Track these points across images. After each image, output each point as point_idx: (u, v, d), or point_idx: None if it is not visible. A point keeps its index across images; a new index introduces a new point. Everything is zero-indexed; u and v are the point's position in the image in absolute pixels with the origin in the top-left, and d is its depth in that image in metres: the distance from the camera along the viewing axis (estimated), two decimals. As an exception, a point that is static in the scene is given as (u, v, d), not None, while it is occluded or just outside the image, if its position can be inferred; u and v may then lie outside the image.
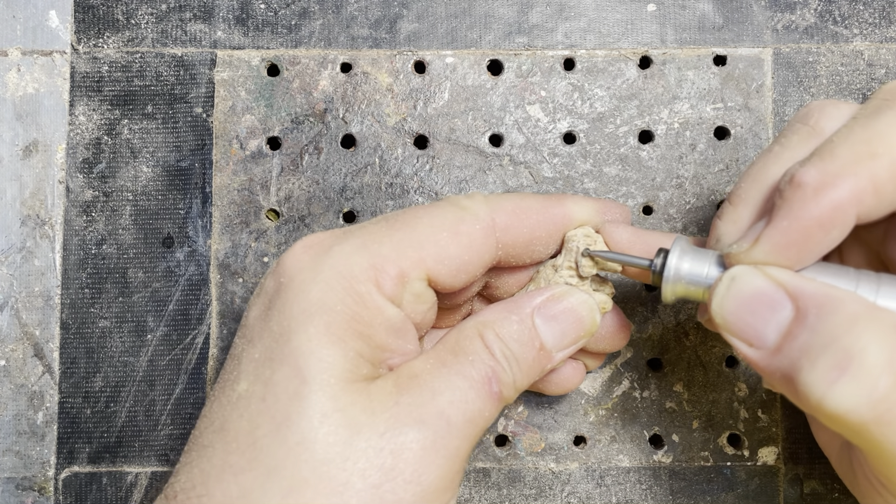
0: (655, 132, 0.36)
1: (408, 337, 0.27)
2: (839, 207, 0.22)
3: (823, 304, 0.22)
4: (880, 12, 0.36)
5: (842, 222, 0.23)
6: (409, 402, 0.24)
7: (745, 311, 0.23)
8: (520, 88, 0.36)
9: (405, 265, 0.26)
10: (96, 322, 0.35)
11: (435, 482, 0.24)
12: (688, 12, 0.36)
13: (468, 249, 0.26)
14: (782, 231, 0.23)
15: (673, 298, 0.26)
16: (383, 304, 0.25)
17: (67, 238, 0.35)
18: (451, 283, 0.27)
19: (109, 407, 0.35)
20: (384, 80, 0.36)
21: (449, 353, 0.26)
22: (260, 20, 0.36)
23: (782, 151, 0.25)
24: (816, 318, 0.22)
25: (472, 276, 0.27)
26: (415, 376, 0.25)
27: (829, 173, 0.22)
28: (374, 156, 0.36)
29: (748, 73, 0.36)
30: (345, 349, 0.24)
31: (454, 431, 0.24)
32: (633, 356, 0.35)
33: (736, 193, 0.26)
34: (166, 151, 0.36)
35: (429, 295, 0.27)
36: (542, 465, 0.35)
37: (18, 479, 0.35)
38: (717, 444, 0.35)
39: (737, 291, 0.24)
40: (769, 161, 0.26)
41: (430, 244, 0.26)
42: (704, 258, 0.26)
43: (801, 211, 0.23)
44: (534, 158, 0.36)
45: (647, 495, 0.34)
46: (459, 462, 0.25)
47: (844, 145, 0.22)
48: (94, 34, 0.36)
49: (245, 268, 0.35)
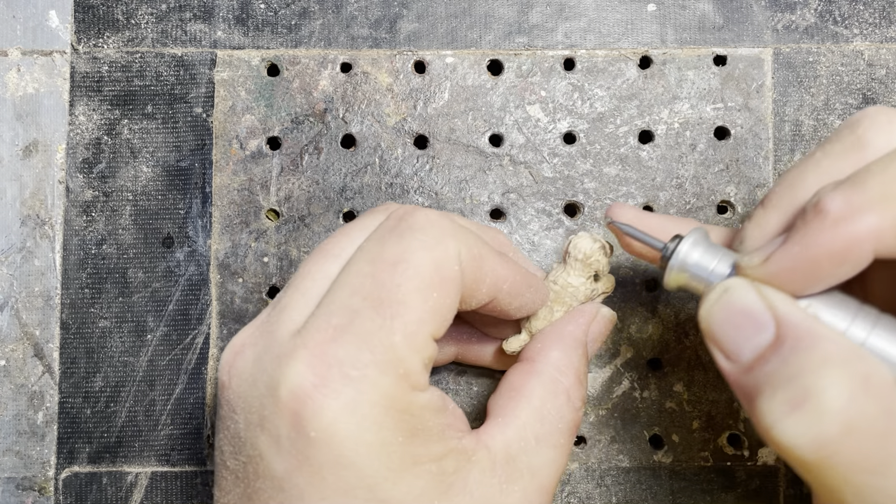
0: (655, 132, 0.36)
1: (447, 403, 0.26)
2: (855, 243, 0.22)
3: (802, 338, 0.22)
4: (880, 12, 0.36)
5: (856, 258, 0.22)
6: (515, 488, 0.25)
7: (730, 323, 0.24)
8: (520, 88, 0.36)
9: (422, 351, 0.24)
10: (96, 322, 0.35)
11: None
12: (688, 12, 0.36)
13: (456, 295, 0.25)
14: (793, 257, 0.23)
15: (674, 286, 0.26)
16: (425, 401, 0.24)
17: (67, 238, 0.35)
18: (446, 330, 0.26)
19: (109, 407, 0.35)
20: (384, 80, 0.36)
21: (538, 421, 0.27)
22: (260, 20, 0.36)
23: (823, 159, 0.25)
24: (790, 350, 0.22)
25: (456, 311, 0.26)
26: (512, 459, 0.26)
27: (854, 205, 0.22)
28: (374, 156, 0.36)
29: (748, 73, 0.36)
30: (428, 468, 0.24)
31: (549, 497, 0.26)
32: (633, 356, 0.35)
33: (769, 197, 0.26)
34: (166, 151, 0.36)
35: (437, 351, 0.26)
36: (542, 465, 0.35)
37: (19, 479, 0.35)
38: (717, 444, 0.35)
39: (726, 303, 0.24)
40: (808, 168, 0.25)
41: (429, 313, 0.24)
42: (715, 255, 0.26)
43: (816, 239, 0.22)
44: (534, 158, 0.36)
45: (647, 495, 0.34)
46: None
47: (877, 178, 0.22)
48: (94, 34, 0.36)
49: (245, 268, 0.35)
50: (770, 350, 0.23)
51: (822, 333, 0.22)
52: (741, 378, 0.23)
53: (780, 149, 0.35)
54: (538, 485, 0.26)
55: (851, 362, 0.21)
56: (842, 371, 0.21)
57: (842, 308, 0.23)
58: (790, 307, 0.23)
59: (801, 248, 0.22)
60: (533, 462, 0.26)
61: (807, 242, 0.22)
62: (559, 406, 0.27)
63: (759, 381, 0.22)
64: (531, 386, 0.27)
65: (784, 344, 0.22)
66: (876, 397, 0.21)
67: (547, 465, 0.26)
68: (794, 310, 0.23)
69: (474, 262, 0.25)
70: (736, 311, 0.24)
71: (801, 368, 0.21)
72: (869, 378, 0.21)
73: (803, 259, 0.23)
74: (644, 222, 0.29)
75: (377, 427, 0.23)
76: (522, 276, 0.28)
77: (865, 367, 0.21)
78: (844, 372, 0.21)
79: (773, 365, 0.22)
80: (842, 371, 0.21)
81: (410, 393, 0.24)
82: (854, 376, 0.21)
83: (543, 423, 0.27)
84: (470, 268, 0.25)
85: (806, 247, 0.22)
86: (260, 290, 0.35)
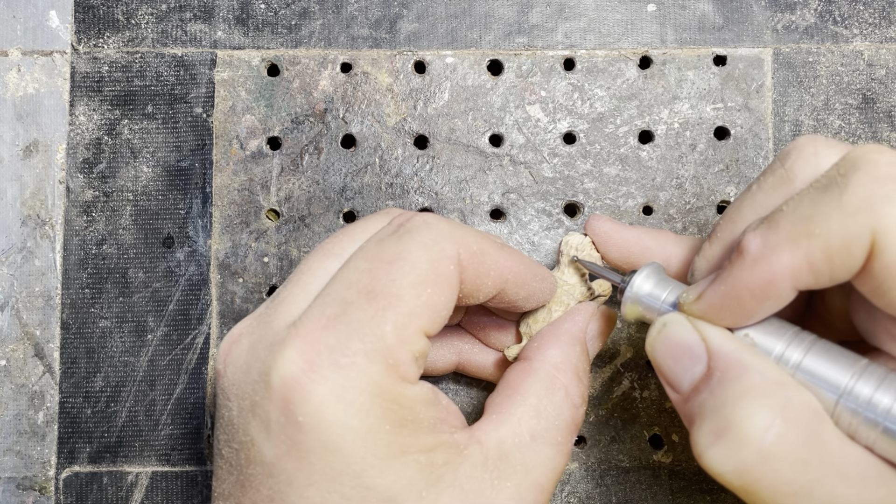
0: (655, 132, 0.36)
1: (440, 397, 0.27)
2: (773, 281, 0.23)
3: (730, 369, 0.23)
4: (880, 12, 0.36)
5: (777, 294, 0.23)
6: (507, 484, 0.25)
7: (670, 355, 0.25)
8: (520, 88, 0.36)
9: (413, 344, 0.24)
10: (97, 322, 0.35)
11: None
12: (688, 12, 0.36)
13: (451, 293, 0.25)
14: (720, 294, 0.24)
15: (631, 317, 0.28)
16: (415, 393, 0.25)
17: (68, 238, 0.35)
18: (439, 329, 0.26)
19: (110, 407, 0.35)
20: (384, 80, 0.36)
21: (534, 418, 0.27)
22: (260, 20, 0.36)
23: (757, 192, 0.26)
24: (718, 382, 0.23)
25: (452, 310, 0.27)
26: (505, 455, 0.26)
27: (769, 245, 0.23)
28: (374, 156, 0.36)
29: (748, 73, 0.36)
30: (416, 458, 0.24)
31: (546, 496, 0.26)
32: (633, 356, 0.35)
33: (714, 231, 0.27)
34: (166, 151, 0.36)
35: (429, 348, 0.26)
36: (542, 464, 0.35)
37: (19, 478, 0.35)
38: (717, 444, 0.35)
39: (665, 336, 0.25)
40: (746, 201, 0.26)
41: (421, 307, 0.24)
42: (665, 287, 0.27)
43: (738, 278, 0.23)
44: (534, 158, 0.36)
45: (647, 495, 0.34)
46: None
47: (789, 219, 0.23)
48: (95, 34, 0.36)
49: (245, 268, 0.35)
50: (702, 381, 0.24)
51: (748, 364, 0.23)
52: (681, 407, 0.25)
53: (780, 149, 0.35)
54: (533, 482, 0.26)
55: (771, 392, 0.22)
56: (761, 402, 0.22)
57: (777, 335, 0.24)
58: (722, 340, 0.24)
59: (727, 286, 0.24)
60: (528, 459, 0.26)
61: (731, 281, 0.24)
62: (556, 403, 0.27)
63: (693, 411, 0.24)
64: (528, 384, 0.27)
65: (713, 376, 0.24)
66: (795, 425, 0.22)
67: (543, 462, 0.26)
68: (726, 342, 0.24)
69: (475, 257, 0.26)
70: (674, 344, 0.25)
71: (724, 400, 0.23)
72: (788, 406, 0.22)
73: (729, 296, 0.24)
74: (621, 234, 0.30)
75: (364, 414, 0.23)
76: (527, 266, 0.28)
77: (785, 397, 0.22)
78: (763, 402, 0.22)
79: (704, 396, 0.24)
80: (761, 402, 0.22)
81: (399, 383, 0.24)
82: (773, 406, 0.22)
83: (540, 420, 0.27)
84: (472, 263, 0.26)
85: (731, 285, 0.24)
86: (260, 290, 0.35)
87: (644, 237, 0.30)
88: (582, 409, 0.28)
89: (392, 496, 0.23)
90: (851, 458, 0.22)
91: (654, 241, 0.30)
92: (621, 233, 0.30)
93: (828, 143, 0.25)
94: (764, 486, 0.22)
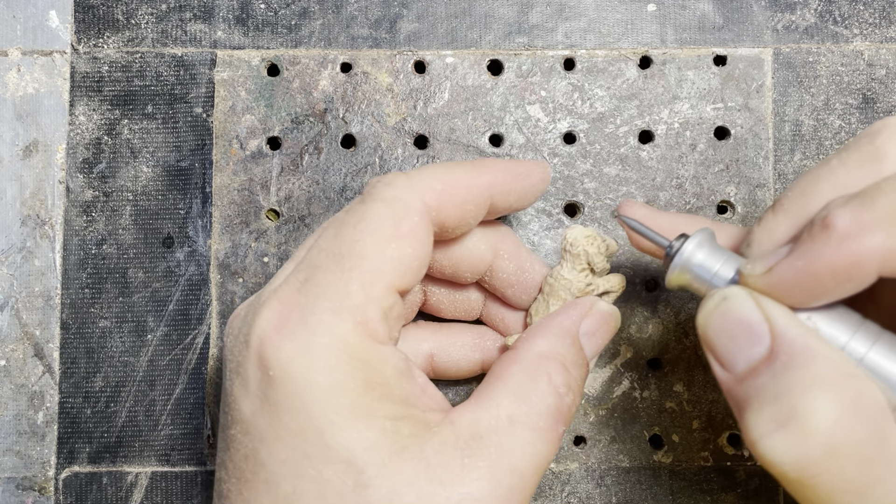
0: (655, 132, 0.36)
1: (414, 372, 0.26)
2: (861, 262, 0.21)
3: (796, 355, 0.22)
4: (880, 12, 0.36)
5: (860, 277, 0.22)
6: (479, 464, 0.24)
7: (726, 333, 0.24)
8: (520, 88, 0.36)
9: (381, 300, 0.25)
10: (96, 322, 0.35)
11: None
12: (688, 12, 0.36)
13: (419, 245, 0.26)
14: (796, 270, 0.22)
15: (676, 285, 0.26)
16: (385, 354, 0.25)
17: (67, 238, 0.35)
18: (413, 284, 0.26)
19: (109, 407, 0.35)
20: (384, 80, 0.36)
21: (513, 402, 0.25)
22: (260, 20, 0.36)
23: (838, 167, 0.24)
24: (783, 366, 0.22)
25: (426, 267, 0.27)
26: (479, 436, 0.25)
27: (862, 223, 0.21)
28: (374, 156, 0.36)
29: (748, 73, 0.36)
30: (380, 422, 0.24)
31: (525, 483, 0.25)
32: (633, 356, 0.35)
33: (780, 202, 0.25)
34: (166, 151, 0.36)
35: (401, 303, 0.27)
36: (542, 465, 0.35)
37: (19, 479, 0.35)
38: (717, 444, 0.35)
39: (724, 311, 0.24)
40: (822, 175, 0.25)
41: (387, 262, 0.25)
42: (720, 258, 0.25)
43: (821, 255, 0.22)
44: (534, 158, 0.36)
45: (647, 495, 0.34)
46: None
47: (888, 197, 0.21)
48: (94, 34, 0.36)
49: (245, 268, 0.35)
50: (763, 364, 0.23)
51: (817, 351, 0.22)
52: (733, 388, 0.23)
53: (780, 149, 0.35)
54: (509, 464, 0.24)
55: (842, 383, 0.21)
56: (831, 392, 0.21)
57: (843, 322, 0.23)
58: (788, 322, 0.23)
59: (806, 262, 0.22)
60: (504, 441, 0.24)
61: (811, 257, 0.22)
62: (539, 389, 0.26)
63: (749, 394, 0.22)
64: (510, 371, 0.27)
65: (777, 359, 0.22)
66: (864, 421, 0.21)
67: (522, 446, 0.25)
68: (792, 325, 0.23)
69: (444, 193, 0.27)
70: (733, 321, 0.23)
71: (790, 386, 0.21)
72: (859, 400, 0.21)
73: (807, 273, 0.22)
74: (655, 220, 0.29)
75: (329, 370, 0.24)
76: (505, 170, 0.28)
77: (856, 390, 0.21)
78: (834, 393, 0.21)
79: (765, 379, 0.22)
80: (831, 392, 0.21)
81: (368, 341, 0.24)
82: (843, 398, 0.21)
83: (520, 405, 0.25)
84: (442, 199, 0.27)
85: (810, 261, 0.22)
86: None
87: (678, 222, 0.29)
88: (568, 398, 0.26)
89: (352, 458, 0.23)
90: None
91: (687, 226, 0.29)
92: (655, 219, 0.29)
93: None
94: (824, 482, 0.21)
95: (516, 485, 0.24)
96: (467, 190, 0.27)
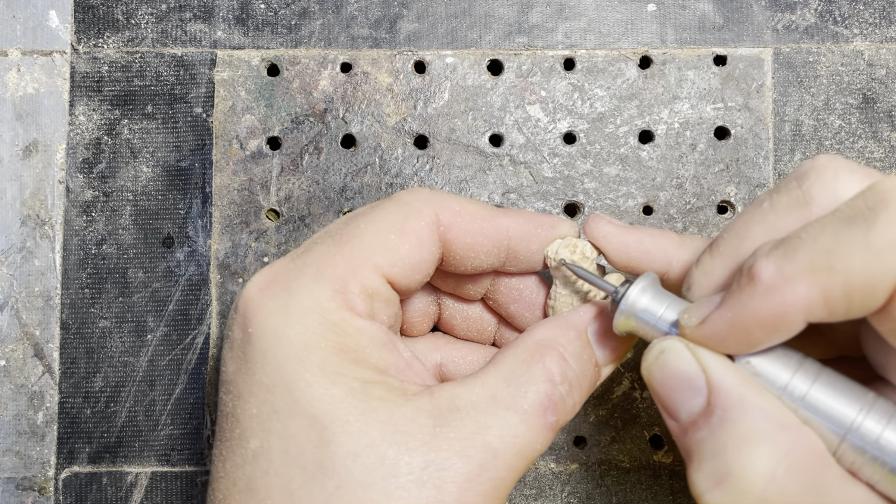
0: (655, 132, 0.36)
1: (398, 346, 0.26)
2: (786, 312, 0.22)
3: (731, 409, 0.22)
4: (880, 12, 0.36)
5: (787, 326, 0.22)
6: (450, 435, 0.24)
7: (667, 384, 0.24)
8: (520, 88, 0.36)
9: (365, 277, 0.25)
10: (96, 322, 0.35)
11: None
12: (688, 12, 0.36)
13: (418, 248, 0.26)
14: (727, 321, 0.23)
15: (623, 330, 0.26)
16: (362, 325, 0.25)
17: (67, 238, 0.35)
18: (406, 284, 0.26)
19: (109, 407, 0.35)
20: (384, 80, 0.36)
21: (501, 382, 0.25)
22: (260, 20, 0.36)
23: (769, 210, 0.25)
24: (718, 421, 0.22)
25: (425, 274, 0.27)
26: (456, 409, 0.24)
27: (784, 275, 0.22)
28: (374, 156, 0.36)
29: (748, 73, 0.36)
30: (349, 382, 0.24)
31: (500, 463, 0.24)
32: (633, 356, 0.35)
33: (717, 244, 0.26)
34: (166, 151, 0.36)
35: (394, 297, 0.27)
36: (543, 465, 0.35)
37: (18, 479, 0.35)
38: (717, 444, 0.35)
39: (663, 363, 0.24)
40: (755, 218, 0.25)
41: (380, 248, 0.26)
42: (663, 302, 0.26)
43: (748, 306, 0.22)
44: (534, 158, 0.36)
45: (647, 495, 0.34)
46: (504, 491, 0.24)
47: (808, 249, 0.21)
48: (94, 34, 0.36)
49: (245, 268, 0.35)
50: (701, 417, 0.23)
51: (751, 403, 0.22)
52: (680, 437, 0.24)
53: (780, 149, 0.35)
54: (483, 441, 0.24)
55: (775, 438, 0.21)
56: (764, 448, 0.21)
57: (782, 363, 0.23)
58: (724, 373, 0.23)
59: (734, 313, 0.23)
60: (482, 418, 0.24)
61: (739, 308, 0.22)
62: (531, 374, 0.25)
63: (691, 447, 0.23)
64: (505, 355, 0.26)
65: (713, 413, 0.23)
66: (798, 474, 0.21)
67: (502, 426, 0.24)
68: (728, 375, 0.23)
69: (460, 217, 0.27)
70: (672, 373, 0.24)
71: (725, 443, 0.22)
72: (792, 454, 0.21)
73: (736, 324, 0.23)
74: (620, 237, 0.29)
75: (303, 328, 0.24)
76: (527, 219, 0.28)
77: (789, 442, 0.21)
78: (766, 449, 0.21)
79: (703, 434, 0.23)
80: (764, 448, 0.21)
81: (343, 309, 0.25)
82: (776, 453, 0.21)
83: (508, 387, 0.25)
84: (456, 223, 0.27)
85: (739, 313, 0.23)
86: (260, 290, 0.35)
87: (645, 240, 0.29)
88: (562, 388, 0.26)
89: (317, 413, 0.23)
90: (853, 499, 0.21)
91: (654, 243, 0.28)
92: (620, 236, 0.29)
93: (849, 167, 0.24)
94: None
95: (488, 463, 0.24)
96: (484, 222, 0.27)
